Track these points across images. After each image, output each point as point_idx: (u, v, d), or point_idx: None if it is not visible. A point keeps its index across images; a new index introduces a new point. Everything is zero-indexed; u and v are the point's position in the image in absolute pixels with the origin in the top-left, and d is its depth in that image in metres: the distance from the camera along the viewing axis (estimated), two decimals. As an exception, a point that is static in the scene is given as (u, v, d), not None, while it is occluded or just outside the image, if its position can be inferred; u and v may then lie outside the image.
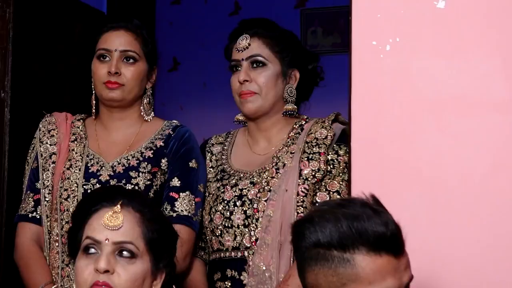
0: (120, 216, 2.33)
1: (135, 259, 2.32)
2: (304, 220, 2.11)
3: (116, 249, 2.31)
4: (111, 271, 2.28)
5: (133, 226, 2.34)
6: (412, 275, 2.06)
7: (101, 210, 2.35)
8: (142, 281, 2.32)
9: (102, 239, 2.30)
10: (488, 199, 2.54)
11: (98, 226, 2.32)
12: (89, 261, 2.30)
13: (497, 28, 2.59)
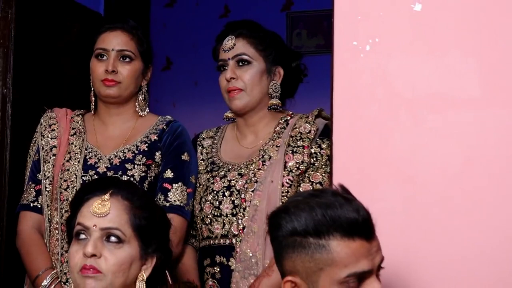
0: (108, 204, 2.33)
1: (122, 244, 2.32)
2: (279, 210, 2.13)
3: (104, 234, 2.31)
4: (98, 255, 2.28)
5: (120, 213, 2.34)
6: (383, 257, 2.08)
7: (92, 198, 2.35)
8: (129, 265, 2.32)
9: (91, 225, 2.31)
10: (462, 191, 2.54)
11: (87, 214, 2.33)
12: (80, 247, 2.31)
13: (470, 29, 2.59)
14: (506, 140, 2.53)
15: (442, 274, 2.53)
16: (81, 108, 3.21)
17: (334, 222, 2.02)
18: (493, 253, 2.50)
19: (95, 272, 2.28)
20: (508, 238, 2.49)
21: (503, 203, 2.51)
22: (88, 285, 2.28)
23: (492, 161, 2.53)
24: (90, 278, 2.27)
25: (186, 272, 3.02)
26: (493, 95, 2.56)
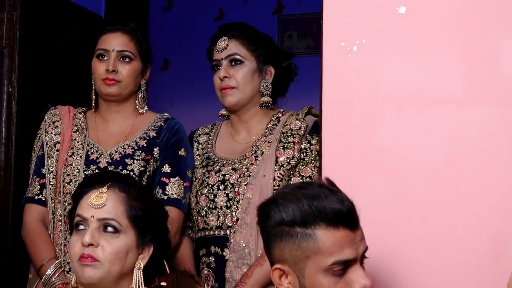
0: (105, 196, 2.33)
1: (119, 234, 2.32)
2: (268, 202, 2.13)
3: (101, 225, 2.31)
4: (95, 244, 2.28)
5: (117, 204, 2.34)
6: (367, 246, 2.09)
7: (91, 191, 2.36)
8: (125, 253, 2.32)
9: (88, 216, 2.31)
10: (444, 185, 2.55)
11: (85, 205, 2.34)
12: (79, 237, 2.31)
13: (452, 31, 2.59)
14: (486, 136, 2.53)
15: (425, 262, 2.53)
16: (83, 105, 3.20)
17: (320, 213, 2.03)
18: (473, 242, 2.50)
19: (93, 261, 2.28)
20: (486, 228, 2.50)
21: (483, 195, 2.51)
22: (86, 273, 2.28)
23: (473, 156, 2.54)
24: (88, 267, 2.28)
25: (183, 261, 3.02)
26: (473, 93, 2.56)
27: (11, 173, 3.37)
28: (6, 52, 3.40)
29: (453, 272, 2.51)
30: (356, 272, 2.05)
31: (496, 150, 2.52)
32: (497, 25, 2.56)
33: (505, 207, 2.49)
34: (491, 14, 2.57)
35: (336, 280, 2.03)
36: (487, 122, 2.54)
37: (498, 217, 2.49)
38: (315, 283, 2.04)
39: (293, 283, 2.07)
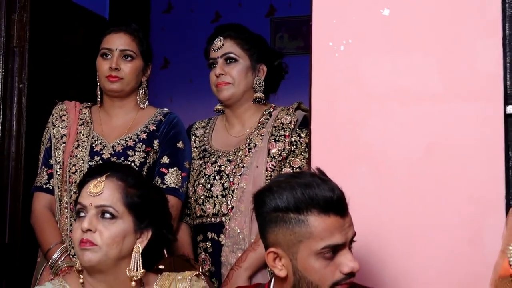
0: (102, 185, 2.32)
1: (115, 219, 2.31)
2: (263, 190, 2.14)
3: (99, 212, 2.30)
4: (93, 230, 2.27)
5: (113, 192, 2.33)
6: (355, 232, 2.09)
7: (91, 181, 2.35)
8: (122, 238, 2.31)
9: (87, 203, 2.31)
10: (424, 175, 2.55)
11: (85, 194, 2.33)
12: (80, 223, 2.30)
13: (433, 32, 2.59)
14: (463, 130, 2.54)
15: (406, 246, 2.54)
16: (88, 101, 3.19)
17: (312, 200, 2.04)
18: (450, 227, 2.51)
19: (91, 245, 2.27)
20: (462, 214, 2.51)
21: (459, 185, 2.52)
22: (86, 256, 2.27)
23: (451, 148, 2.54)
24: (87, 250, 2.27)
25: (181, 246, 3.01)
26: (451, 90, 2.56)
27: (21, 164, 3.36)
28: (17, 51, 3.38)
29: (432, 254, 2.52)
30: (345, 256, 2.06)
31: (472, 143, 2.53)
32: (473, 27, 2.56)
33: (479, 196, 2.50)
34: (467, 16, 2.57)
35: (327, 263, 2.05)
36: (464, 117, 2.54)
37: (472, 205, 2.50)
38: (307, 265, 2.05)
39: (286, 265, 2.08)
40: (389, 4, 2.63)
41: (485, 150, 2.51)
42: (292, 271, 2.07)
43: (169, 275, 2.42)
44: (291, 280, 2.08)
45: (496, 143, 2.50)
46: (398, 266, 2.54)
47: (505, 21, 2.55)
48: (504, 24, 2.55)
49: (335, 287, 2.05)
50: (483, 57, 2.54)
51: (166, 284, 2.39)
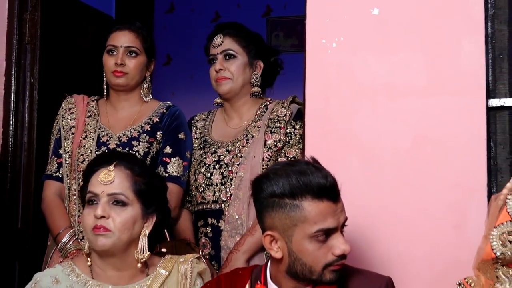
0: (112, 173, 2.32)
1: (126, 206, 2.31)
2: (261, 176, 2.14)
3: (111, 199, 2.30)
4: (107, 216, 2.28)
5: (123, 180, 2.33)
6: (347, 217, 2.09)
7: (99, 170, 2.35)
8: (133, 223, 2.31)
9: (99, 192, 2.30)
10: (410, 163, 2.55)
11: (96, 182, 2.33)
12: (91, 210, 2.30)
13: (419, 30, 2.59)
14: (447, 122, 2.54)
15: (394, 230, 2.54)
16: (95, 94, 3.18)
17: (307, 186, 2.04)
18: (435, 213, 2.52)
19: (105, 231, 2.27)
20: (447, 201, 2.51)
21: (444, 173, 2.52)
22: (100, 241, 2.28)
23: (435, 139, 2.54)
24: (101, 236, 2.27)
25: (183, 231, 3.01)
26: (437, 85, 2.56)
27: (33, 154, 3.35)
28: (28, 48, 3.38)
29: (418, 239, 2.52)
30: (337, 239, 2.06)
31: (456, 135, 2.53)
32: (457, 26, 2.56)
33: (463, 184, 2.50)
34: (451, 15, 2.57)
35: (320, 246, 2.05)
36: (448, 110, 2.54)
37: (456, 193, 2.50)
38: (301, 247, 2.05)
39: (282, 248, 2.08)
40: (379, 4, 2.62)
41: (468, 142, 2.51)
42: (288, 253, 2.07)
43: (171, 258, 2.42)
44: (286, 262, 2.09)
45: (479, 135, 2.50)
46: (386, 249, 2.54)
47: (487, 20, 2.56)
48: (487, 23, 2.56)
49: (327, 268, 2.06)
50: (467, 54, 2.54)
51: (169, 266, 2.39)
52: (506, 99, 2.54)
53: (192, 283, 2.37)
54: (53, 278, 2.34)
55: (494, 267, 1.97)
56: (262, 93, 3.09)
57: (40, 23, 3.40)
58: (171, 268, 2.39)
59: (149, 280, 2.36)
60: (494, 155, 2.53)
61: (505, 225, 1.94)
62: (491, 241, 1.95)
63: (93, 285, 2.33)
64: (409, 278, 2.48)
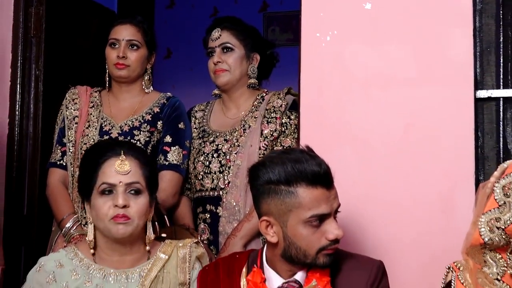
0: (127, 164, 2.30)
1: (141, 194, 2.31)
2: (257, 164, 2.15)
3: (127, 188, 2.28)
4: (128, 205, 2.26)
5: (136, 169, 2.32)
6: (340, 203, 2.09)
7: (110, 160, 2.31)
8: (146, 209, 2.31)
9: (117, 182, 2.27)
10: (401, 151, 2.55)
11: (111, 173, 2.29)
12: (106, 199, 2.27)
13: (409, 24, 2.59)
14: (436, 111, 2.53)
15: (386, 216, 2.55)
16: (98, 86, 3.17)
17: (301, 174, 2.03)
18: (425, 199, 2.52)
19: (126, 219, 2.26)
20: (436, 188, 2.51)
21: (433, 160, 2.52)
22: (121, 229, 2.26)
23: (425, 128, 2.54)
24: (121, 224, 2.26)
25: (182, 217, 3.00)
26: (427, 77, 2.56)
27: (38, 143, 3.34)
28: (34, 41, 3.36)
29: (408, 224, 2.53)
30: (330, 224, 2.06)
31: (445, 124, 2.53)
32: (446, 19, 2.56)
33: (451, 171, 2.50)
34: (441, 9, 2.57)
35: (314, 230, 2.05)
36: (438, 100, 2.54)
37: (445, 180, 2.50)
38: (296, 232, 2.05)
39: (278, 232, 2.08)
40: (371, -2, 2.62)
41: (457, 131, 2.51)
42: (283, 238, 2.07)
43: (171, 242, 2.42)
44: (281, 246, 2.09)
45: (467, 124, 2.50)
46: (378, 234, 2.54)
47: (475, 14, 2.56)
48: (475, 17, 2.56)
49: (321, 252, 2.06)
50: (456, 47, 2.54)
51: (168, 250, 2.38)
52: (493, 90, 2.54)
53: (191, 266, 2.36)
54: (57, 262, 2.33)
55: (482, 252, 1.97)
56: (258, 84, 3.08)
57: (45, 17, 3.38)
58: (171, 252, 2.38)
59: (150, 264, 2.35)
60: (481, 144, 2.53)
61: (492, 212, 1.94)
62: (479, 227, 1.94)
63: (95, 268, 2.32)
64: (400, 262, 2.48)
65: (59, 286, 2.29)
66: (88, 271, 2.31)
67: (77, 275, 2.30)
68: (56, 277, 2.30)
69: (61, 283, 2.29)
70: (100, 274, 2.31)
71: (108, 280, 2.30)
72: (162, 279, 2.33)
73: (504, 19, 2.56)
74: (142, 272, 2.33)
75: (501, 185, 1.94)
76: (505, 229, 1.92)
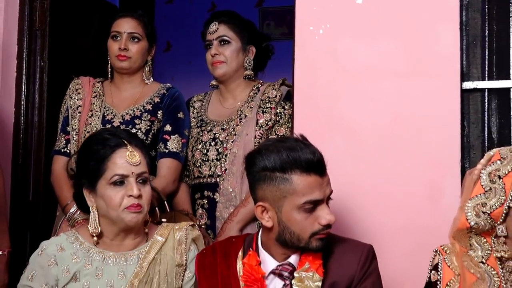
0: (136, 154, 2.28)
1: (147, 183, 2.30)
2: (254, 152, 2.15)
3: (137, 178, 2.26)
4: (140, 195, 2.25)
5: (143, 159, 2.30)
6: (332, 190, 2.10)
7: (118, 151, 2.27)
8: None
9: (129, 173, 2.25)
10: (390, 141, 2.55)
11: (123, 164, 2.25)
12: (118, 190, 2.24)
13: (399, 18, 2.58)
14: (424, 103, 2.53)
15: (375, 203, 2.55)
16: (101, 76, 3.15)
17: (296, 161, 2.04)
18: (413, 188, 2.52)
19: (140, 208, 2.25)
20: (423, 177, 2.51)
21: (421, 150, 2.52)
22: (134, 218, 2.25)
23: (413, 119, 2.54)
24: (135, 213, 2.24)
25: (181, 203, 2.99)
26: (415, 69, 2.55)
27: (43, 131, 3.33)
28: (38, 33, 3.34)
29: (398, 210, 2.53)
30: (323, 210, 2.06)
31: (432, 115, 2.52)
32: (434, 14, 2.55)
33: (439, 160, 2.50)
34: (429, 5, 2.56)
35: (307, 216, 2.05)
36: (426, 92, 2.54)
37: (433, 167, 2.50)
38: (290, 217, 2.06)
39: (272, 217, 2.09)
40: (362, -7, 2.61)
41: (444, 121, 2.51)
42: (277, 222, 2.08)
43: (167, 225, 2.41)
44: (276, 230, 2.09)
45: (453, 115, 2.50)
46: (368, 219, 2.54)
47: (462, 9, 2.56)
48: (461, 12, 2.56)
49: (314, 236, 2.06)
50: (443, 40, 2.54)
51: (165, 233, 2.37)
52: (479, 82, 2.55)
53: (187, 248, 2.35)
54: (58, 246, 2.31)
55: (468, 236, 1.98)
56: (254, 76, 3.07)
57: (49, 11, 3.36)
58: (167, 235, 2.37)
59: (147, 247, 2.34)
60: (467, 133, 2.54)
61: (478, 197, 1.95)
62: (466, 212, 1.95)
63: (95, 252, 2.31)
64: (389, 246, 2.48)
65: (60, 269, 2.28)
66: (88, 254, 2.30)
67: (78, 258, 2.29)
68: (57, 261, 2.28)
69: (62, 266, 2.28)
70: (100, 257, 2.30)
71: (107, 263, 2.29)
72: (160, 260, 2.32)
73: (490, 13, 2.56)
74: (140, 255, 2.32)
75: (487, 172, 1.95)
76: (491, 214, 1.93)
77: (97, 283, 2.26)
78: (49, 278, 2.27)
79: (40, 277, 2.27)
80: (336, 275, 2.10)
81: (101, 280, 2.27)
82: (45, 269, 2.28)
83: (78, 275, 2.27)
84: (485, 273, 1.93)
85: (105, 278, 2.27)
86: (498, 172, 1.93)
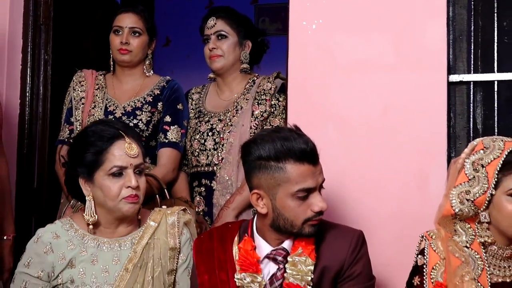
0: (134, 146, 2.25)
1: (143, 174, 2.28)
2: (249, 141, 2.14)
3: (135, 169, 2.24)
4: (138, 185, 2.24)
5: (140, 150, 2.28)
6: (324, 178, 2.09)
7: (116, 143, 2.24)
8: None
9: (128, 164, 2.22)
10: (380, 131, 2.55)
11: (121, 156, 2.22)
12: (116, 181, 2.21)
13: (389, 13, 2.57)
14: (413, 95, 2.53)
15: (365, 191, 2.55)
16: (103, 69, 3.14)
17: (290, 151, 2.03)
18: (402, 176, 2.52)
19: (137, 199, 2.23)
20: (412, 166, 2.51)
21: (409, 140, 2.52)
22: (131, 208, 2.23)
23: (402, 111, 2.53)
24: (132, 203, 2.23)
25: (180, 191, 2.99)
26: (404, 62, 2.55)
27: (47, 122, 3.32)
28: (43, 28, 3.33)
29: (387, 197, 2.53)
30: (316, 197, 2.06)
31: (420, 106, 2.52)
32: (422, 9, 2.55)
33: (426, 150, 2.50)
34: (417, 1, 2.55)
35: (300, 203, 2.05)
36: (414, 84, 2.53)
37: (420, 157, 2.50)
38: (284, 204, 2.06)
39: (267, 204, 2.09)
40: (354, -10, 2.60)
41: (431, 112, 2.51)
42: (272, 209, 2.08)
43: (160, 210, 2.39)
44: (270, 216, 2.09)
45: (440, 106, 2.50)
46: (358, 207, 2.54)
47: (449, 5, 2.56)
48: (448, 8, 2.56)
49: (306, 223, 2.07)
50: (430, 35, 2.53)
51: (158, 218, 2.35)
52: (465, 75, 2.55)
53: (179, 232, 2.34)
54: (53, 233, 2.28)
55: (453, 222, 1.98)
56: (250, 69, 3.07)
57: (53, 6, 3.35)
58: (160, 219, 2.34)
59: (141, 232, 2.32)
60: (453, 124, 2.54)
61: (463, 185, 1.95)
62: (451, 199, 1.95)
63: (89, 238, 2.28)
64: (378, 232, 2.48)
65: (56, 256, 2.25)
66: (83, 241, 2.27)
67: (73, 245, 2.26)
68: (53, 248, 2.25)
69: (58, 253, 2.25)
70: (95, 244, 2.27)
71: (102, 249, 2.27)
72: (153, 245, 2.30)
73: (475, 9, 2.56)
74: (133, 240, 2.30)
75: (471, 161, 1.96)
76: (474, 201, 1.93)
77: (93, 269, 2.24)
78: (45, 265, 2.24)
79: (37, 264, 2.24)
80: (328, 259, 2.11)
81: (96, 266, 2.25)
82: (41, 257, 2.25)
83: (74, 262, 2.25)
84: (469, 257, 1.94)
85: (100, 264, 2.25)
86: (481, 161, 1.94)
